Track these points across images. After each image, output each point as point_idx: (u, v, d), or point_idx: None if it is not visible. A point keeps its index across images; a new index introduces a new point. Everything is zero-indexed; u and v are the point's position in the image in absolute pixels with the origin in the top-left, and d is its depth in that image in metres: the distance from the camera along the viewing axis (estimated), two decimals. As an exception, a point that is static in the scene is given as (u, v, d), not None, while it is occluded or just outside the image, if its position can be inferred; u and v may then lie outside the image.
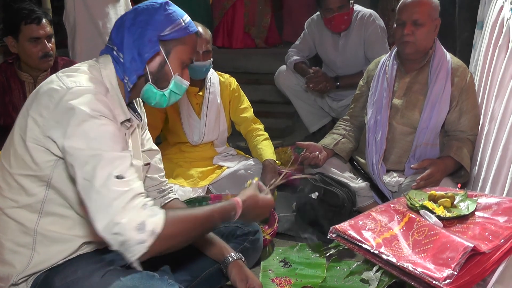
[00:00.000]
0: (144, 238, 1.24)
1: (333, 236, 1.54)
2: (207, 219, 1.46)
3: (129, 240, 1.23)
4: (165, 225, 1.28)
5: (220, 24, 5.26)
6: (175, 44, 1.56)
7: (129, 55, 1.51)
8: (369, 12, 3.59)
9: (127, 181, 1.29)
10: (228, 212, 1.53)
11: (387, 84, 2.60)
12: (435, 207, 1.58)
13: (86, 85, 1.40)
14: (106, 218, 1.24)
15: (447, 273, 1.25)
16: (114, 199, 1.25)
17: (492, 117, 2.18)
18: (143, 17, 1.53)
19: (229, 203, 1.54)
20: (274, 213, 2.57)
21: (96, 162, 1.28)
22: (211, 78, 2.98)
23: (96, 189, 1.26)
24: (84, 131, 1.31)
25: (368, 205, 2.57)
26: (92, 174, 1.27)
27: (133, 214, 1.25)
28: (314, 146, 2.74)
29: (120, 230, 1.23)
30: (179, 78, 1.61)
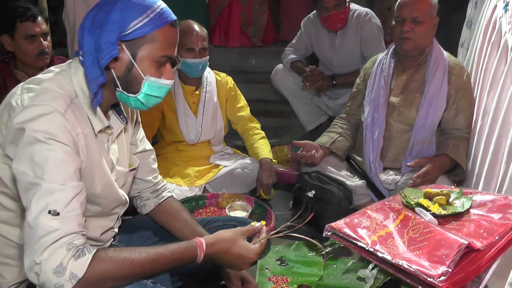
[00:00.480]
0: (62, 282, 1.15)
1: (329, 234, 1.54)
2: (151, 263, 1.31)
3: (46, 283, 1.16)
4: (90, 269, 1.19)
5: (216, 23, 5.26)
6: (142, 42, 1.35)
7: (89, 59, 1.32)
8: (365, 10, 3.59)
9: (60, 219, 1.20)
10: (185, 254, 1.38)
11: (384, 82, 2.61)
12: (430, 205, 1.58)
13: (43, 103, 1.26)
14: (31, 255, 1.17)
15: (442, 270, 1.25)
16: (41, 237, 1.17)
17: (484, 113, 2.20)
18: (102, 14, 1.32)
19: (189, 245, 1.40)
20: (271, 212, 2.57)
21: (35, 191, 1.20)
22: (208, 77, 2.98)
23: (28, 222, 1.19)
24: (30, 155, 1.22)
25: (364, 203, 2.58)
26: (29, 203, 1.20)
27: (54, 256, 1.16)
28: (311, 145, 2.74)
29: (38, 271, 1.16)
30: (153, 79, 1.40)
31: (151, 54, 1.37)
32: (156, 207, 1.82)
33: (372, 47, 3.50)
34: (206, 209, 2.76)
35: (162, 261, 1.34)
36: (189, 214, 1.83)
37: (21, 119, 1.24)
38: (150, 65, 1.39)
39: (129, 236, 1.79)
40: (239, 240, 1.49)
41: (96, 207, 1.49)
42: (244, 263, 1.49)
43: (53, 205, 1.20)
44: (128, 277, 1.28)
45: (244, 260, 1.49)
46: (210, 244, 1.43)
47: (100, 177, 1.45)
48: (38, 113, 1.24)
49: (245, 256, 1.48)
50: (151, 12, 1.34)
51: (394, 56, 2.64)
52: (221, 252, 1.46)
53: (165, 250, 1.35)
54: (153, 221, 1.85)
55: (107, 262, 1.23)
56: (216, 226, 1.94)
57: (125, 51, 1.35)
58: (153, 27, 1.34)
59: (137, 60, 1.37)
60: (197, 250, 1.40)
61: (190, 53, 2.74)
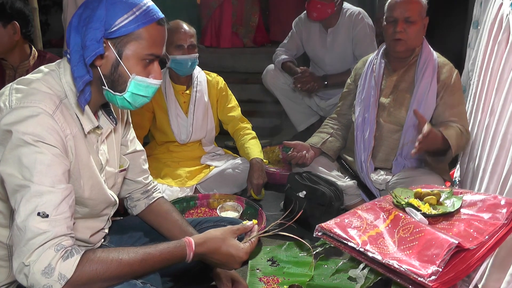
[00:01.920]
0: (50, 283, 1.15)
1: (319, 234, 1.54)
2: (140, 263, 1.31)
3: (34, 284, 1.15)
4: (79, 270, 1.19)
5: (207, 23, 5.25)
6: (128, 40, 1.33)
7: (75, 58, 1.30)
8: (357, 10, 3.61)
9: (49, 221, 1.19)
10: (174, 254, 1.38)
11: (375, 82, 2.61)
12: (420, 205, 1.58)
13: (31, 104, 1.25)
14: (20, 257, 1.17)
15: (432, 270, 1.25)
16: (29, 239, 1.16)
17: (492, 111, 2.18)
18: (87, 12, 1.30)
19: (178, 244, 1.40)
20: (262, 212, 2.57)
21: (23, 193, 1.19)
22: (198, 76, 2.98)
23: (17, 224, 1.18)
24: (18, 157, 1.20)
25: (355, 203, 2.58)
26: (17, 205, 1.19)
27: (43, 257, 1.16)
28: (302, 145, 2.74)
29: (27, 273, 1.16)
30: (139, 78, 1.38)
31: (137, 52, 1.35)
32: (146, 208, 1.81)
33: (363, 46, 3.51)
34: (197, 209, 2.75)
35: (151, 261, 1.33)
36: (179, 215, 1.82)
37: (8, 120, 1.22)
38: (136, 63, 1.37)
39: (119, 237, 1.79)
40: (229, 239, 1.49)
41: (84, 208, 1.48)
42: (234, 262, 1.49)
43: (42, 207, 1.19)
44: (116, 277, 1.27)
45: (234, 259, 1.48)
46: (199, 243, 1.43)
47: (88, 177, 1.44)
48: (26, 115, 1.23)
49: (235, 255, 1.48)
50: (137, 9, 1.32)
51: (385, 57, 2.64)
52: (210, 251, 1.45)
53: (154, 250, 1.35)
54: (143, 222, 1.85)
55: (95, 263, 1.23)
56: (207, 227, 1.93)
57: (111, 49, 1.34)
58: (139, 25, 1.32)
59: (123, 58, 1.35)
60: (186, 249, 1.40)
61: (179, 50, 2.75)
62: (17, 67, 2.60)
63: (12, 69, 2.61)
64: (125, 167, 1.69)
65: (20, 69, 2.60)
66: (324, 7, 3.47)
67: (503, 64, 2.06)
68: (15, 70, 2.60)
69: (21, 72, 2.60)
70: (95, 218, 1.57)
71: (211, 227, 1.93)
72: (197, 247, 1.42)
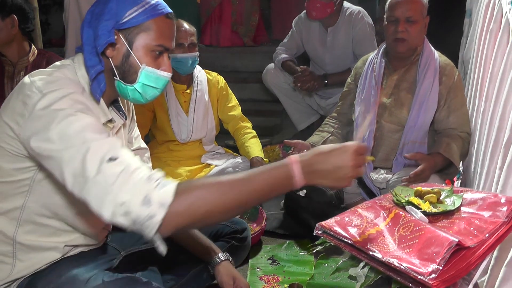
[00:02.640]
0: (153, 212, 1.11)
1: (319, 232, 1.54)
2: (242, 183, 1.19)
3: (137, 217, 1.12)
4: (178, 196, 1.13)
5: (207, 22, 5.25)
6: (138, 31, 1.40)
7: (88, 51, 1.38)
8: (357, 9, 3.60)
9: (121, 161, 1.17)
10: (277, 170, 1.21)
11: (375, 82, 2.60)
12: (421, 203, 1.58)
13: (60, 87, 1.30)
14: (111, 204, 1.13)
15: (432, 268, 1.25)
16: (113, 183, 1.14)
17: (486, 98, 2.16)
18: (100, 7, 1.39)
19: (279, 163, 1.23)
20: (262, 211, 2.57)
21: (84, 153, 1.18)
22: (199, 75, 2.98)
23: (92, 180, 1.15)
24: (65, 132, 1.22)
25: (356, 202, 2.58)
26: (82, 167, 1.17)
27: (136, 190, 1.13)
28: (302, 144, 2.74)
29: (126, 209, 1.12)
30: (149, 69, 1.43)
31: (146, 43, 1.41)
32: None
33: (363, 45, 3.51)
34: (198, 208, 2.74)
35: (253, 181, 1.20)
36: None
37: (43, 104, 1.26)
38: (146, 54, 1.42)
39: (121, 235, 1.78)
40: (329, 147, 1.27)
41: None
42: (348, 159, 1.23)
43: (109, 154, 1.18)
44: (219, 201, 1.18)
45: (348, 156, 1.23)
46: (302, 155, 1.25)
47: None
48: (59, 96, 1.28)
49: (345, 149, 1.24)
50: (146, 3, 1.39)
51: (385, 56, 2.63)
52: (318, 159, 1.23)
53: (253, 170, 1.24)
54: None
55: (194, 187, 1.18)
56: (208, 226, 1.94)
57: (121, 40, 1.40)
58: (148, 17, 1.39)
59: (134, 49, 1.41)
60: (288, 164, 1.22)
61: (180, 49, 2.75)
62: (16, 63, 2.62)
63: (11, 65, 2.62)
64: None
65: (19, 65, 2.62)
66: (323, 6, 3.47)
67: (495, 52, 2.05)
68: (14, 66, 2.62)
69: (20, 68, 2.61)
70: None
71: (212, 227, 1.95)
72: (301, 157, 1.23)
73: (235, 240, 2.01)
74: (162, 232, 1.13)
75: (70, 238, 1.50)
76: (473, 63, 2.58)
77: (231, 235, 2.02)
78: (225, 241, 1.99)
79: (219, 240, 1.97)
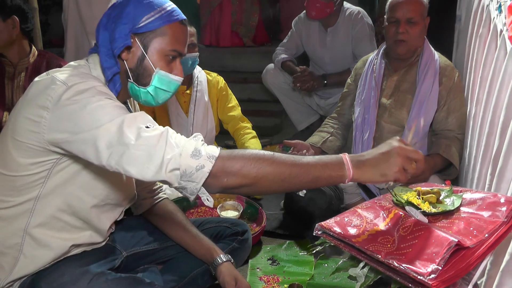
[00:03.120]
0: (202, 162, 1.18)
1: (319, 233, 1.53)
2: (292, 164, 1.24)
3: (186, 169, 1.18)
4: (224, 152, 1.22)
5: (207, 22, 5.25)
6: (153, 36, 1.45)
7: (104, 53, 1.43)
8: (357, 9, 3.61)
9: (157, 128, 1.25)
10: (329, 159, 1.29)
11: (375, 83, 2.60)
12: (420, 203, 1.58)
13: (84, 80, 1.35)
14: (157, 161, 1.19)
15: (432, 268, 1.25)
16: (155, 145, 1.20)
17: (477, 101, 2.17)
18: (116, 11, 1.43)
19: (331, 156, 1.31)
20: (262, 211, 2.57)
21: (119, 124, 1.24)
22: (199, 76, 2.98)
23: (132, 145, 1.21)
24: (96, 115, 1.27)
25: (355, 202, 2.58)
26: (119, 136, 1.22)
27: (184, 144, 1.21)
28: (302, 145, 2.74)
29: (175, 164, 1.18)
30: (163, 72, 1.48)
31: (161, 47, 1.46)
32: (151, 208, 1.84)
33: (363, 46, 3.52)
34: (198, 209, 2.75)
35: (306, 161, 1.27)
36: (183, 216, 1.84)
37: (71, 94, 1.30)
38: (160, 58, 1.47)
39: (123, 235, 1.80)
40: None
41: (116, 192, 1.54)
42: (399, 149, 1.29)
43: (144, 123, 1.26)
44: (266, 168, 1.22)
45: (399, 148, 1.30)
46: (353, 155, 1.32)
47: None
48: (84, 88, 1.32)
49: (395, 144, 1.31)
50: (162, 9, 1.45)
51: (385, 57, 2.63)
52: (368, 154, 1.31)
53: (307, 157, 1.30)
54: (147, 221, 1.86)
55: (241, 151, 1.26)
56: (209, 228, 1.96)
57: (137, 43, 1.45)
58: (164, 22, 1.45)
59: (148, 53, 1.46)
60: (341, 158, 1.30)
61: None
62: (17, 64, 2.62)
63: (11, 66, 2.62)
64: None
65: (19, 66, 2.62)
66: (322, 6, 3.47)
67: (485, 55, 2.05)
68: (15, 67, 2.62)
69: (20, 69, 2.61)
70: (114, 207, 1.61)
71: (212, 228, 1.97)
72: (351, 156, 1.31)
73: (236, 242, 2.01)
74: (209, 185, 1.19)
75: (78, 236, 1.51)
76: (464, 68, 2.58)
77: (232, 237, 2.02)
78: (226, 243, 1.99)
79: (220, 241, 1.97)
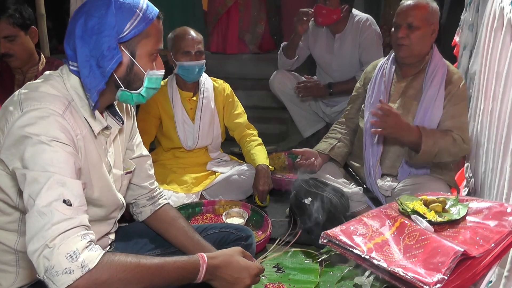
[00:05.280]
0: (72, 268, 1.13)
1: (325, 241, 1.53)
2: (156, 268, 1.30)
3: (55, 266, 1.12)
4: (100, 265, 1.17)
5: (214, 29, 5.26)
6: (138, 40, 1.40)
7: (86, 68, 1.33)
8: (366, 16, 3.61)
9: (74, 209, 1.20)
10: (188, 263, 1.37)
11: (384, 87, 2.61)
12: (426, 212, 1.58)
13: (41, 106, 1.28)
14: (41, 241, 1.14)
15: (438, 278, 1.24)
16: (55, 224, 1.15)
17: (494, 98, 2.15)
18: (94, 21, 1.33)
19: (192, 258, 1.39)
20: (267, 219, 2.57)
21: (45, 180, 1.19)
22: (205, 83, 2.99)
23: (38, 209, 1.16)
24: (36, 157, 1.22)
25: (361, 210, 2.57)
26: (38, 192, 1.17)
27: (70, 242, 1.15)
28: (310, 152, 2.74)
29: (49, 255, 1.13)
30: (151, 72, 1.46)
31: (147, 49, 1.42)
32: (152, 214, 1.82)
33: (370, 53, 3.52)
34: (203, 216, 2.75)
35: (167, 268, 1.32)
36: (185, 221, 1.82)
37: (21, 123, 1.25)
38: (148, 60, 1.44)
39: (125, 243, 1.79)
40: (238, 254, 1.51)
41: (94, 209, 1.49)
42: (248, 275, 1.48)
43: (67, 195, 1.20)
44: (134, 279, 1.25)
45: (248, 272, 1.48)
46: (211, 256, 1.44)
47: (97, 178, 1.46)
48: (37, 116, 1.25)
49: (248, 267, 1.48)
50: (140, 10, 1.38)
51: (395, 62, 2.64)
52: (223, 264, 1.45)
53: (169, 258, 1.35)
54: (149, 228, 1.85)
55: (116, 262, 1.22)
56: (213, 233, 1.94)
57: (125, 52, 1.40)
58: (146, 24, 1.39)
59: (137, 58, 1.42)
60: (199, 261, 1.40)
61: (187, 56, 2.77)
62: (27, 72, 2.63)
63: (21, 74, 2.63)
64: (131, 170, 1.70)
65: (29, 74, 2.63)
66: (329, 13, 3.48)
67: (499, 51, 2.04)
68: (24, 75, 2.63)
69: (30, 77, 2.62)
70: (103, 221, 1.59)
71: (216, 234, 1.94)
72: (209, 259, 1.42)
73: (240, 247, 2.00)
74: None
75: None
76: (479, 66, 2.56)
77: (236, 242, 2.01)
78: (229, 249, 1.98)
79: (224, 247, 1.96)
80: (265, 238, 2.40)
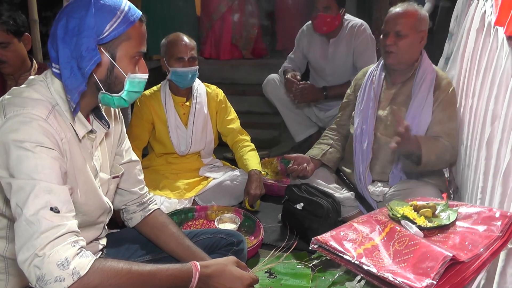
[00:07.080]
0: (64, 276, 1.14)
1: (315, 247, 1.54)
2: (148, 275, 1.31)
3: (46, 274, 1.13)
4: (91, 271, 1.19)
5: (208, 35, 5.28)
6: (119, 42, 1.38)
7: (67, 69, 1.31)
8: (360, 21, 3.63)
9: (61, 216, 1.20)
10: (181, 271, 1.39)
11: (374, 94, 2.62)
12: (416, 217, 1.59)
13: (24, 112, 1.27)
14: (30, 250, 1.15)
15: (427, 283, 1.25)
16: (43, 232, 1.16)
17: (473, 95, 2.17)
18: (75, 22, 1.31)
19: (185, 266, 1.41)
20: (259, 224, 2.57)
21: (31, 189, 1.19)
22: (198, 88, 3.00)
23: (26, 218, 1.16)
24: (20, 165, 1.21)
25: (353, 215, 2.59)
26: (24, 201, 1.18)
27: (59, 249, 1.16)
28: (302, 158, 2.75)
29: (40, 264, 1.14)
30: (133, 75, 1.43)
31: (128, 51, 1.40)
32: (142, 220, 1.81)
33: (364, 58, 3.53)
34: (195, 221, 2.75)
35: (159, 275, 1.34)
36: (176, 227, 1.82)
37: (5, 130, 1.24)
38: (129, 63, 1.42)
39: (116, 249, 1.78)
40: (232, 264, 1.52)
41: (80, 215, 1.47)
42: (240, 285, 1.49)
43: (54, 203, 1.20)
44: (125, 286, 1.27)
45: (241, 282, 1.49)
46: (204, 265, 1.45)
47: (83, 183, 1.46)
48: (20, 122, 1.25)
49: (240, 277, 1.50)
50: (121, 12, 1.36)
51: (384, 69, 2.66)
52: (216, 273, 1.46)
53: (162, 266, 1.37)
54: (140, 234, 1.85)
55: (107, 268, 1.24)
56: (204, 239, 1.94)
57: (104, 54, 1.38)
58: (127, 26, 1.37)
59: (117, 60, 1.40)
60: (192, 269, 1.41)
61: (180, 62, 2.78)
62: (19, 78, 2.63)
63: (13, 80, 2.63)
64: (118, 174, 1.69)
65: (21, 80, 2.62)
66: (332, 20, 3.50)
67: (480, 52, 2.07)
68: (16, 81, 2.62)
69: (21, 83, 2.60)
70: (91, 226, 1.58)
71: (208, 239, 1.94)
72: (202, 268, 1.43)
73: (231, 252, 2.00)
74: None
75: None
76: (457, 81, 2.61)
77: (227, 247, 2.01)
78: (221, 254, 1.97)
79: (215, 252, 1.96)
80: (257, 243, 2.40)
